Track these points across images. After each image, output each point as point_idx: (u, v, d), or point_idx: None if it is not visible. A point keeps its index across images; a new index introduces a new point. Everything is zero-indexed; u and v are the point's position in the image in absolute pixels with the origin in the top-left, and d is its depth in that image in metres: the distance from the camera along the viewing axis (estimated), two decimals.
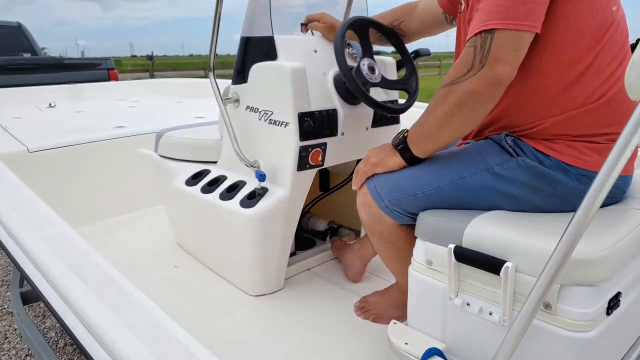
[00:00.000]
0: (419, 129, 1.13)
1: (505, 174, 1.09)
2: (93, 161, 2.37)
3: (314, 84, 1.53)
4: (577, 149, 1.07)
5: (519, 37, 0.96)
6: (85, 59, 5.49)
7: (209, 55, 1.60)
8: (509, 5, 0.95)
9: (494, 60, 0.96)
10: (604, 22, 1.03)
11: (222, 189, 1.65)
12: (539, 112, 1.09)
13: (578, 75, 1.05)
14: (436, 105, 1.06)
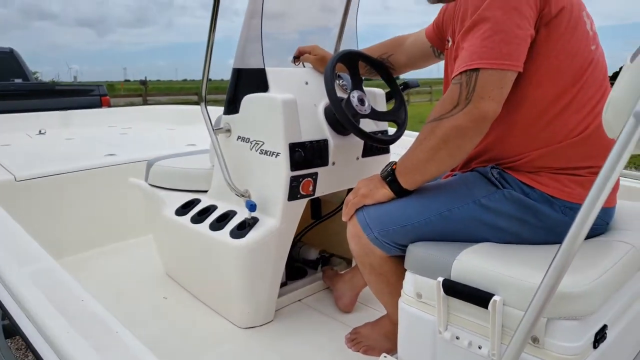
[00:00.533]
0: (407, 162, 1.15)
1: (492, 206, 1.11)
2: (82, 190, 2.36)
3: (305, 115, 1.55)
4: (560, 181, 1.09)
5: (502, 75, 1.00)
6: (77, 85, 5.51)
7: (200, 86, 1.62)
8: (492, 45, 0.99)
9: (479, 97, 0.99)
10: (583, 61, 1.07)
11: (212, 219, 1.65)
12: (523, 146, 1.12)
13: (560, 110, 1.08)
14: (423, 140, 1.09)
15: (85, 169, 2.36)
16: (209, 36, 1.55)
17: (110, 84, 43.58)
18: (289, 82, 1.59)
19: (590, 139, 1.09)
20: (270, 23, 1.63)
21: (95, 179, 2.39)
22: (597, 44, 1.13)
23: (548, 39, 1.04)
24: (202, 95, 1.63)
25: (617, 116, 0.75)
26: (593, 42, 1.11)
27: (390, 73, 1.66)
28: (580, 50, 1.07)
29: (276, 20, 1.69)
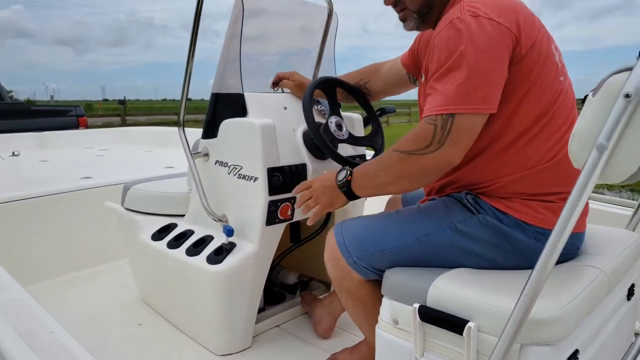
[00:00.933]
0: (367, 180, 1.19)
1: (468, 231, 1.13)
2: (56, 214, 2.31)
3: (284, 140, 1.56)
4: (532, 207, 1.12)
5: (476, 119, 1.04)
6: (53, 106, 5.44)
7: (178, 110, 1.62)
8: (467, 91, 1.03)
9: (452, 143, 1.04)
10: (554, 92, 1.12)
11: (189, 244, 1.64)
12: (496, 172, 1.14)
13: (531, 138, 1.11)
14: (389, 166, 1.12)
15: (59, 193, 2.32)
16: (187, 62, 1.56)
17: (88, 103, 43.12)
18: (268, 107, 1.60)
19: (560, 165, 1.12)
20: (250, 45, 1.65)
21: (69, 202, 2.34)
22: (565, 75, 1.17)
23: (520, 76, 1.08)
24: (180, 120, 1.63)
25: (582, 148, 0.78)
26: (562, 73, 1.16)
27: (367, 99, 1.69)
28: (551, 82, 1.11)
29: (256, 42, 1.71)
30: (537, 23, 1.13)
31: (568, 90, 1.17)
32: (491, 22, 1.04)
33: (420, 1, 1.23)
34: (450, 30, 1.06)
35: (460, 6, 1.10)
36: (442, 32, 1.08)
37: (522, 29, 1.07)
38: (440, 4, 1.22)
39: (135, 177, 2.22)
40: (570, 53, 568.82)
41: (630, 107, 0.71)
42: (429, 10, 1.23)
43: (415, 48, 1.52)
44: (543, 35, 1.12)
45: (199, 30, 1.53)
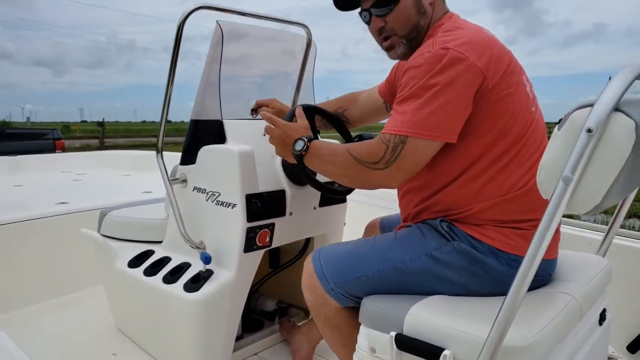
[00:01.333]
0: (317, 162, 1.25)
1: (443, 258, 1.15)
2: (29, 241, 2.26)
3: (263, 166, 1.57)
4: (505, 234, 1.14)
5: (427, 145, 1.09)
6: (30, 129, 5.36)
7: (157, 135, 1.62)
8: (422, 117, 1.07)
9: (396, 167, 1.10)
10: (525, 122, 1.16)
11: (166, 271, 1.62)
12: (470, 198, 1.17)
13: (504, 166, 1.15)
14: (338, 164, 1.19)
15: (33, 219, 2.27)
16: (166, 89, 1.56)
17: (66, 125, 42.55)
18: (247, 134, 1.62)
19: (531, 192, 1.16)
20: (231, 69, 1.67)
21: (44, 229, 2.30)
22: (536, 106, 1.22)
23: (490, 106, 1.11)
24: (158, 146, 1.62)
25: (549, 179, 0.81)
26: (533, 104, 1.20)
27: (345, 126, 1.72)
28: (522, 111, 1.15)
29: (236, 66, 1.73)
30: (507, 56, 1.17)
31: (539, 120, 1.21)
32: (460, 55, 1.08)
33: (410, 26, 1.26)
34: (421, 60, 1.11)
35: (434, 40, 1.15)
36: (413, 62, 1.12)
37: (491, 62, 1.11)
38: (424, 29, 1.27)
39: (112, 203, 2.19)
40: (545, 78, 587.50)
41: (592, 141, 0.75)
42: (417, 35, 1.28)
43: (392, 78, 1.56)
44: (514, 68, 1.17)
45: (179, 54, 1.55)
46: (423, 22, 1.27)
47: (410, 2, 1.25)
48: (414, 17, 1.26)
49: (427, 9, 1.26)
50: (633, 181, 0.88)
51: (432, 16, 1.28)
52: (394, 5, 1.24)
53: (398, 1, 1.24)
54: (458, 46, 1.10)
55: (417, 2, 1.25)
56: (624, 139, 0.75)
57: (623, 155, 0.75)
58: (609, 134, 0.76)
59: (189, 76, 3.21)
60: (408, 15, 1.25)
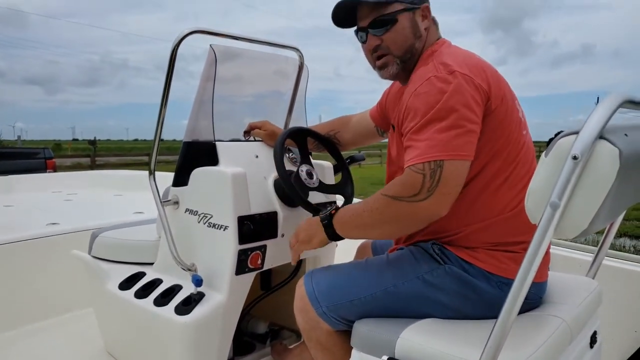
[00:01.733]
0: (351, 219, 1.19)
1: (435, 282, 1.15)
2: (20, 262, 2.24)
3: (255, 188, 1.57)
4: (496, 257, 1.15)
5: (462, 165, 1.08)
6: (21, 148, 5.34)
7: (149, 155, 1.62)
8: (450, 139, 1.06)
9: (441, 192, 1.05)
10: (516, 144, 1.19)
11: (157, 293, 1.61)
12: (462, 219, 1.19)
13: (496, 187, 1.17)
14: (375, 210, 1.12)
15: (22, 240, 2.25)
16: (159, 112, 1.57)
17: (57, 143, 42.40)
18: (239, 156, 1.62)
19: (522, 214, 1.16)
20: (224, 90, 1.68)
21: (34, 250, 2.28)
22: (526, 129, 1.25)
23: (489, 128, 1.14)
24: (151, 168, 1.63)
25: (536, 205, 0.82)
26: (524, 127, 1.24)
27: (337, 148, 1.74)
28: (514, 134, 1.18)
29: (229, 88, 1.75)
30: (502, 80, 1.21)
31: (529, 143, 1.24)
32: (466, 77, 1.11)
33: (405, 47, 1.29)
34: (429, 85, 1.12)
35: (434, 64, 1.17)
36: (420, 88, 1.13)
37: (491, 85, 1.14)
38: (418, 52, 1.30)
39: (103, 223, 2.18)
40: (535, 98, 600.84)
41: (578, 168, 0.76)
42: (411, 57, 1.30)
43: (384, 102, 1.59)
44: (507, 92, 1.20)
45: (173, 77, 1.56)
46: (418, 45, 1.30)
47: (407, 24, 1.28)
48: (410, 38, 1.29)
49: (422, 32, 1.30)
50: (619, 206, 0.90)
51: (426, 40, 1.31)
52: (391, 25, 1.27)
53: (396, 22, 1.27)
54: (462, 68, 1.12)
55: (413, 25, 1.29)
56: (609, 166, 0.77)
57: (608, 181, 0.77)
58: (594, 161, 0.77)
59: (182, 94, 3.25)
60: (404, 36, 1.28)
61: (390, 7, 1.27)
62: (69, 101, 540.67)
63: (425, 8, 1.31)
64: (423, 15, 1.31)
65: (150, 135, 1.62)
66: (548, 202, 0.78)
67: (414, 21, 1.29)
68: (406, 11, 1.28)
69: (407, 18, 1.28)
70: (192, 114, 1.62)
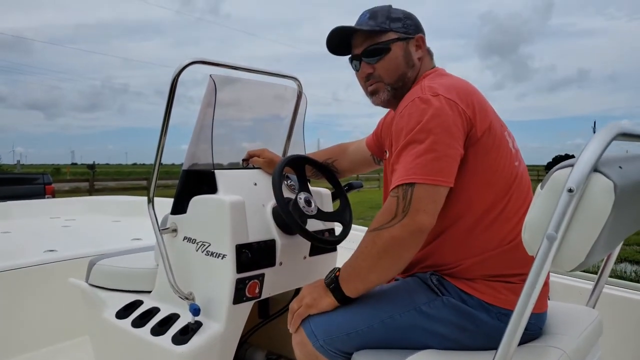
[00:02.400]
0: (349, 270, 1.18)
1: (432, 313, 1.14)
2: (17, 290, 2.22)
3: (253, 215, 1.57)
4: (495, 288, 1.15)
5: (435, 190, 1.07)
6: (20, 174, 5.35)
7: (149, 183, 1.63)
8: (425, 163, 1.07)
9: (415, 210, 1.05)
10: (509, 176, 1.18)
11: (154, 322, 1.59)
12: (460, 253, 1.18)
13: (491, 221, 1.16)
14: (365, 249, 1.13)
15: (20, 268, 2.23)
16: (159, 140, 1.58)
17: (57, 167, 42.46)
18: (238, 184, 1.63)
19: (519, 247, 1.16)
20: (224, 118, 1.70)
21: (31, 278, 2.26)
22: (520, 160, 1.25)
23: (475, 158, 1.15)
24: (150, 196, 1.63)
25: (533, 237, 0.83)
26: (516, 158, 1.24)
27: (335, 176, 1.75)
28: (505, 166, 1.18)
29: (229, 115, 1.77)
30: (489, 109, 1.21)
31: (523, 174, 1.24)
32: (449, 101, 1.11)
33: (397, 75, 1.31)
34: (412, 107, 1.13)
35: (421, 86, 1.19)
36: (405, 110, 1.15)
37: (477, 112, 1.15)
38: (410, 81, 1.32)
39: (101, 250, 2.17)
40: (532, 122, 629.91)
41: (573, 201, 0.77)
42: (402, 85, 1.32)
43: (379, 131, 1.60)
44: (496, 122, 1.20)
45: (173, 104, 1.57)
46: (410, 74, 1.32)
47: (400, 53, 1.30)
48: (402, 67, 1.31)
49: (415, 62, 1.32)
50: (616, 238, 0.91)
51: (420, 70, 1.33)
52: (384, 54, 1.30)
53: (389, 51, 1.29)
54: (447, 92, 1.13)
55: (406, 55, 1.31)
56: (604, 199, 0.78)
57: (604, 214, 0.78)
58: (589, 193, 0.78)
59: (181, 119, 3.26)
60: (397, 64, 1.30)
61: (384, 35, 1.30)
62: (69, 126, 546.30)
63: (420, 38, 1.34)
64: (417, 45, 1.33)
65: (149, 160, 1.64)
66: (545, 235, 0.78)
67: (407, 50, 1.31)
68: (400, 40, 1.31)
69: (400, 47, 1.31)
70: (192, 142, 1.64)
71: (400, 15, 1.33)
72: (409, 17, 1.34)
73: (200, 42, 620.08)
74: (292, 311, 1.26)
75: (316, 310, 1.21)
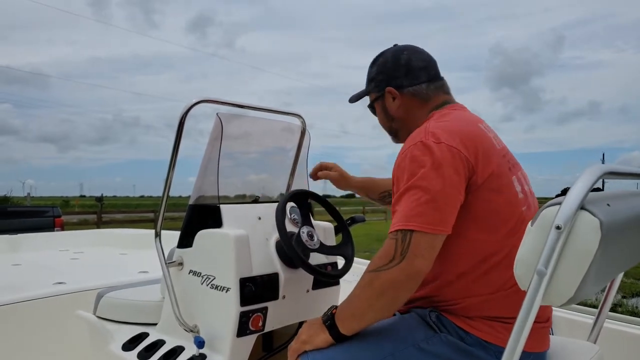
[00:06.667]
0: (346, 309, 1.18)
1: (431, 350, 1.15)
2: (25, 322, 2.24)
3: (257, 249, 1.61)
4: (494, 328, 1.15)
5: (433, 238, 1.09)
6: (30, 207, 5.42)
7: (156, 218, 1.68)
8: (424, 211, 1.09)
9: (412, 254, 1.07)
10: (514, 223, 1.18)
11: (160, 355, 1.61)
12: (461, 293, 1.19)
13: (494, 265, 1.17)
14: (362, 290, 1.13)
15: (28, 300, 2.26)
16: (167, 175, 1.63)
17: (65, 200, 42.81)
18: (242, 218, 1.67)
19: (522, 291, 1.17)
20: (231, 151, 1.75)
21: (40, 310, 2.28)
22: (528, 205, 1.23)
23: (476, 203, 1.15)
24: (157, 230, 1.67)
25: (525, 272, 0.86)
26: (524, 203, 1.22)
27: (336, 209, 1.78)
28: (510, 212, 1.18)
29: (236, 152, 1.82)
30: (495, 154, 1.20)
31: (526, 220, 1.21)
32: (451, 149, 1.12)
33: (387, 128, 1.48)
34: (415, 150, 1.15)
35: (426, 128, 1.19)
36: (407, 151, 1.16)
37: (480, 158, 1.15)
38: (405, 127, 1.38)
39: (109, 283, 2.20)
40: (542, 154, 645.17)
41: (561, 237, 0.80)
42: (397, 132, 1.45)
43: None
44: (503, 167, 1.20)
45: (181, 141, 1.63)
46: (395, 125, 1.45)
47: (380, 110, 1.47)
48: (386, 122, 1.47)
49: (394, 114, 1.43)
50: (607, 273, 0.93)
51: (433, 106, 1.36)
52: (375, 111, 1.48)
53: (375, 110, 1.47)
54: (450, 139, 1.14)
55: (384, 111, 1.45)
56: (591, 236, 0.81)
57: (591, 251, 0.81)
58: (576, 231, 0.81)
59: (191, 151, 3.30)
60: (382, 120, 1.48)
61: (370, 97, 1.47)
62: (80, 158, 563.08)
63: (390, 90, 1.38)
64: (392, 97, 1.39)
65: (156, 192, 1.70)
66: (535, 270, 0.81)
67: (384, 106, 1.43)
68: (377, 100, 1.44)
69: (379, 105, 1.45)
70: (198, 178, 1.69)
71: (374, 71, 1.43)
72: (380, 72, 1.40)
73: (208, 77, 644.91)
74: (289, 349, 1.27)
75: (311, 346, 1.21)
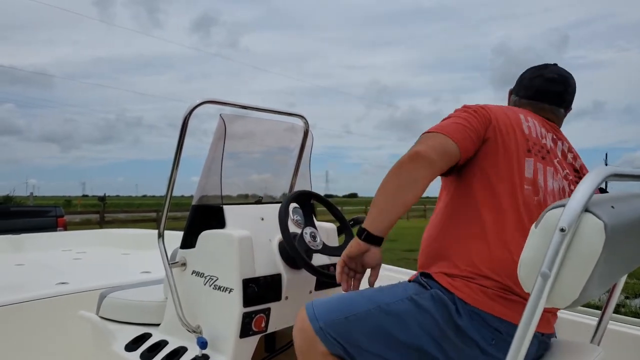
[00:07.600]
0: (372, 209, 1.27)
1: (421, 302, 1.23)
2: (28, 322, 2.25)
3: (260, 250, 1.61)
4: (471, 288, 1.23)
5: (444, 140, 1.23)
6: (33, 207, 5.44)
7: (159, 219, 1.68)
8: (442, 124, 1.29)
9: (418, 143, 1.24)
10: (514, 193, 1.27)
11: (162, 355, 1.61)
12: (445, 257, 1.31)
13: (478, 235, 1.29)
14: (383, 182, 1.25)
15: (31, 300, 2.27)
16: (170, 176, 1.64)
17: (68, 200, 42.89)
18: (245, 219, 1.67)
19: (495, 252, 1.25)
20: (234, 150, 1.76)
21: (43, 310, 2.29)
22: (538, 194, 1.30)
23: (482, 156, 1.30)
24: (160, 231, 1.67)
25: (528, 274, 0.85)
26: (531, 184, 1.30)
27: (338, 210, 1.79)
28: (510, 179, 1.28)
29: (239, 152, 1.83)
30: (521, 135, 1.32)
31: (532, 206, 1.28)
32: (483, 106, 1.35)
33: None
34: None
35: None
36: None
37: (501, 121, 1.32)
38: None
39: (111, 283, 2.21)
40: None
41: (565, 240, 0.80)
42: None
43: None
44: (520, 143, 1.31)
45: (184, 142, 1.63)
46: None
47: None
48: None
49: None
50: (611, 275, 0.93)
51: None
52: None
53: None
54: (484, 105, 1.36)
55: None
56: (595, 238, 0.81)
57: (595, 253, 0.81)
58: (580, 233, 0.81)
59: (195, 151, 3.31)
60: None
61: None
62: (82, 158, 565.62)
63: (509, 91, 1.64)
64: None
65: (159, 191, 1.70)
66: (539, 272, 0.81)
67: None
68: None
69: None
70: (202, 178, 1.69)
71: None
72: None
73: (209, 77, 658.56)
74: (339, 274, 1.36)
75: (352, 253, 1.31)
